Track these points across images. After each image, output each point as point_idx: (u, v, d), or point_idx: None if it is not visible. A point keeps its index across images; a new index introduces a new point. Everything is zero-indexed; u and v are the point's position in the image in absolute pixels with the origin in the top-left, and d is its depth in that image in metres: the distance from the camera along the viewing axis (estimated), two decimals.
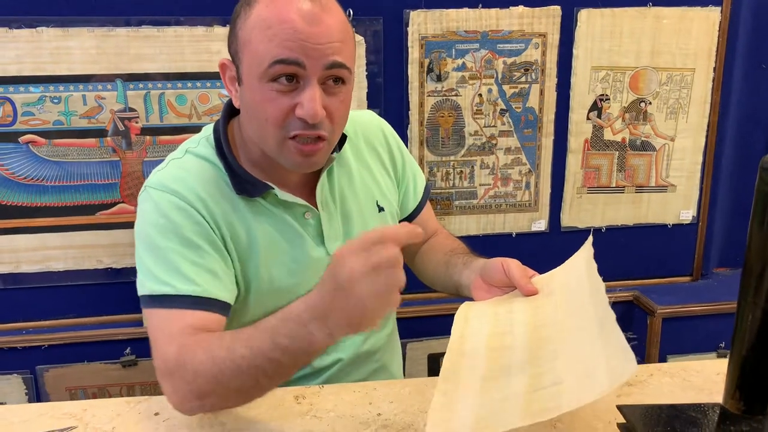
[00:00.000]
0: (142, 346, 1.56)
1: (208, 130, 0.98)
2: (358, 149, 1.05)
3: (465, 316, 0.87)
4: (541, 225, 1.70)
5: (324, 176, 0.97)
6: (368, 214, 1.01)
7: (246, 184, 0.91)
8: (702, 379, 0.85)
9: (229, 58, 0.91)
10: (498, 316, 0.85)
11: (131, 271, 1.54)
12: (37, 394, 1.55)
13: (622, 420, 0.73)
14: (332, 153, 0.95)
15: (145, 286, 0.86)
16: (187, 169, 0.92)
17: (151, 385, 1.58)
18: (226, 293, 0.88)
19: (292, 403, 0.81)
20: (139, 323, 1.56)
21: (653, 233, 1.74)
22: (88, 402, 0.82)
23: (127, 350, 1.56)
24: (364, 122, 1.09)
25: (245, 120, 0.91)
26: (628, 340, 0.63)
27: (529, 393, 0.67)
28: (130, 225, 1.50)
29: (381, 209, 1.03)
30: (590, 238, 0.87)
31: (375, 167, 1.06)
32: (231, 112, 0.97)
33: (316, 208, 0.96)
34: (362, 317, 0.67)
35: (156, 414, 0.79)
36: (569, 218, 1.70)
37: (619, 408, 0.70)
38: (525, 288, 0.87)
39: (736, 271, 1.83)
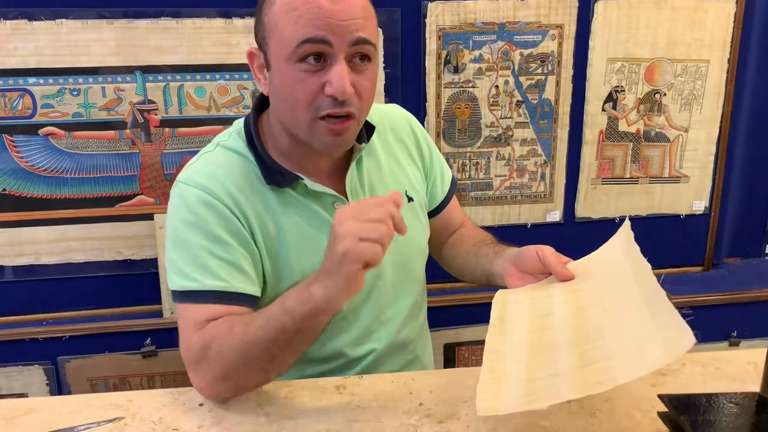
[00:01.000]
0: (162, 337, 1.57)
1: (238, 124, 0.99)
2: (386, 141, 1.06)
3: (503, 302, 0.88)
4: (555, 216, 1.72)
5: (353, 166, 0.97)
6: None
7: (276, 175, 0.93)
8: (734, 368, 0.87)
9: (256, 46, 0.92)
10: (536, 300, 0.86)
11: (151, 263, 1.56)
12: (58, 385, 1.56)
13: (659, 409, 0.74)
14: (360, 143, 0.96)
15: (174, 282, 0.89)
16: (217, 163, 0.93)
17: (172, 375, 1.60)
18: (252, 287, 0.90)
19: (333, 392, 0.83)
20: (159, 314, 1.57)
21: (666, 224, 1.76)
22: (132, 393, 0.83)
23: (147, 341, 1.57)
24: (391, 115, 1.09)
25: (276, 104, 0.92)
26: (683, 316, 0.64)
27: (580, 368, 0.67)
28: (149, 217, 1.54)
29: (410, 199, 1.04)
30: (627, 222, 0.89)
31: (403, 158, 1.07)
32: (261, 106, 0.99)
33: (345, 197, 0.96)
34: (342, 263, 0.74)
35: (201, 405, 0.81)
36: (583, 209, 1.72)
37: (661, 397, 0.72)
38: (561, 273, 0.88)
39: (746, 261, 1.86)
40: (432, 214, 1.12)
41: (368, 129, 0.99)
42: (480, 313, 1.68)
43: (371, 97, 0.91)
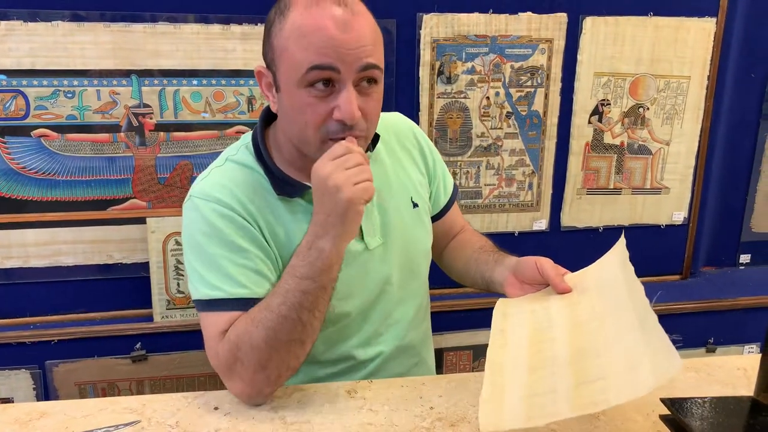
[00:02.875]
0: (152, 341, 1.57)
1: (246, 138, 1.01)
2: (391, 148, 1.08)
3: (503, 312, 0.91)
4: (542, 224, 1.76)
5: None
6: (404, 209, 1.05)
7: (285, 185, 0.95)
8: (725, 373, 0.91)
9: (264, 65, 0.94)
10: (535, 313, 0.89)
11: (141, 267, 1.55)
12: (45, 389, 1.54)
13: (661, 412, 0.78)
14: (366, 151, 0.98)
15: (198, 290, 0.90)
16: (228, 177, 0.96)
17: (161, 380, 1.59)
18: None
19: (345, 397, 0.85)
20: (150, 318, 1.56)
21: (647, 233, 1.82)
22: (146, 397, 0.83)
23: (138, 345, 1.56)
24: (394, 123, 1.12)
25: (285, 124, 0.94)
26: (673, 341, 0.68)
27: (577, 386, 0.71)
28: (141, 221, 1.53)
29: (415, 205, 1.07)
30: (622, 239, 0.92)
31: (408, 165, 1.10)
32: (267, 119, 1.01)
33: None
34: (348, 208, 0.81)
35: (216, 408, 0.82)
36: (569, 218, 1.76)
37: (663, 401, 0.75)
38: (559, 286, 0.92)
39: (722, 271, 1.93)
40: (434, 218, 1.15)
41: (373, 137, 1.01)
42: (466, 320, 1.73)
43: (377, 116, 0.94)
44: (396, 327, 1.03)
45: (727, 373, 0.91)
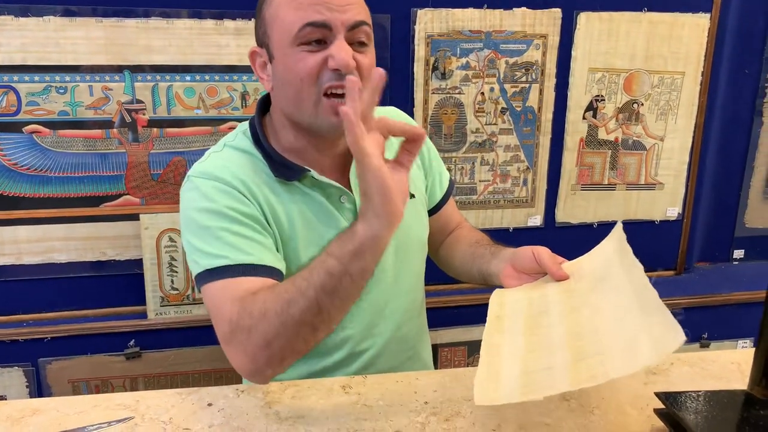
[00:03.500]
0: (146, 338, 1.56)
1: (243, 126, 1.02)
2: (388, 139, 1.08)
3: (500, 301, 0.90)
4: (536, 220, 1.76)
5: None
6: None
7: (284, 169, 0.95)
8: (718, 368, 0.91)
9: (257, 46, 0.95)
10: (532, 300, 0.89)
11: (135, 264, 1.55)
12: (38, 387, 1.53)
13: (654, 406, 0.78)
14: None
15: (200, 264, 0.88)
16: (227, 159, 0.96)
17: (155, 377, 1.58)
18: (279, 263, 0.91)
19: (340, 392, 0.84)
20: (143, 315, 1.56)
21: (641, 229, 1.82)
22: (139, 393, 0.83)
23: (131, 342, 1.55)
24: (392, 115, 1.12)
25: (280, 93, 0.94)
26: (674, 315, 0.67)
27: (575, 362, 0.70)
28: (135, 217, 1.52)
29: (412, 196, 1.07)
30: (619, 225, 0.92)
31: None
32: (264, 108, 1.01)
33: (350, 191, 0.99)
34: (386, 191, 0.72)
35: (209, 404, 0.81)
36: (563, 214, 1.76)
37: (657, 394, 0.75)
38: (556, 273, 0.91)
39: (715, 266, 1.93)
40: (430, 213, 1.15)
41: None
42: (460, 316, 1.73)
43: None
44: (390, 318, 1.03)
45: (721, 367, 0.91)
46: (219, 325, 0.84)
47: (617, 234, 0.92)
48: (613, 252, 0.90)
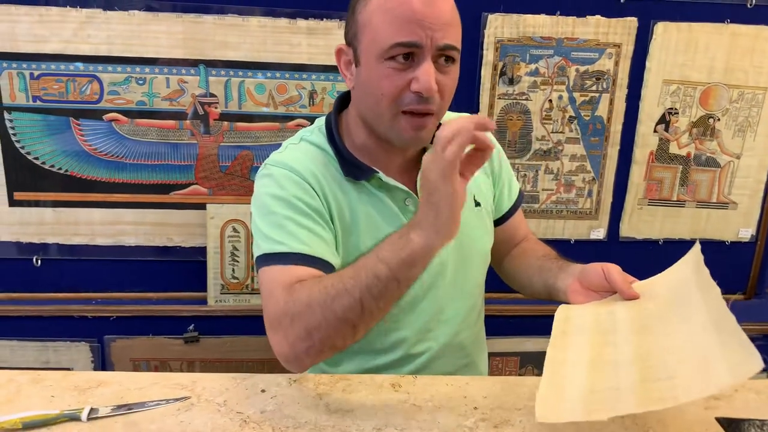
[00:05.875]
0: (204, 324, 1.62)
1: (320, 122, 1.05)
2: None
3: (565, 317, 0.89)
4: (599, 233, 1.72)
5: None
6: (466, 207, 1.04)
7: (353, 168, 0.98)
8: None
9: (345, 43, 0.97)
10: (599, 317, 0.87)
11: (199, 251, 1.60)
12: (102, 362, 1.61)
13: None
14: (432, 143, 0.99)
15: (261, 247, 0.92)
16: (302, 152, 1.00)
17: (212, 362, 1.63)
18: (333, 258, 0.93)
19: (389, 389, 0.85)
20: (204, 302, 1.61)
21: (710, 249, 1.72)
22: (196, 375, 0.86)
23: (191, 327, 1.61)
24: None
25: (360, 98, 0.96)
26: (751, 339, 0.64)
27: (642, 383, 0.68)
28: (202, 206, 1.58)
29: (477, 204, 1.06)
30: (697, 245, 0.88)
31: None
32: (341, 106, 1.04)
33: (416, 194, 0.99)
34: (455, 212, 0.76)
35: (263, 391, 0.83)
36: (628, 228, 1.71)
37: (718, 420, 0.72)
38: (627, 293, 0.89)
39: None
40: (497, 223, 1.14)
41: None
42: (515, 326, 1.70)
43: (451, 96, 0.95)
44: (447, 324, 1.03)
45: None
46: (267, 308, 0.87)
47: (694, 254, 0.88)
48: (690, 273, 0.87)
